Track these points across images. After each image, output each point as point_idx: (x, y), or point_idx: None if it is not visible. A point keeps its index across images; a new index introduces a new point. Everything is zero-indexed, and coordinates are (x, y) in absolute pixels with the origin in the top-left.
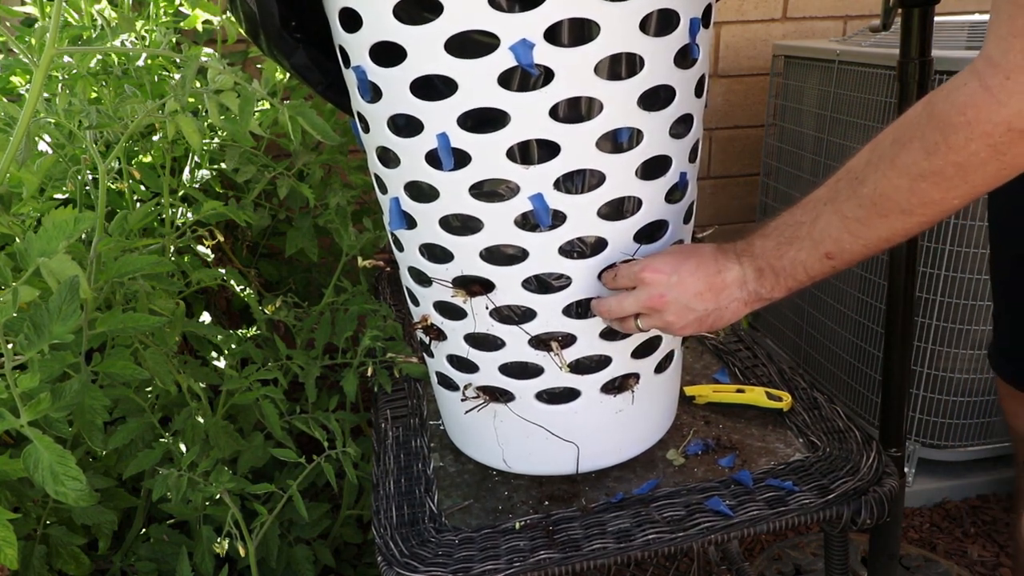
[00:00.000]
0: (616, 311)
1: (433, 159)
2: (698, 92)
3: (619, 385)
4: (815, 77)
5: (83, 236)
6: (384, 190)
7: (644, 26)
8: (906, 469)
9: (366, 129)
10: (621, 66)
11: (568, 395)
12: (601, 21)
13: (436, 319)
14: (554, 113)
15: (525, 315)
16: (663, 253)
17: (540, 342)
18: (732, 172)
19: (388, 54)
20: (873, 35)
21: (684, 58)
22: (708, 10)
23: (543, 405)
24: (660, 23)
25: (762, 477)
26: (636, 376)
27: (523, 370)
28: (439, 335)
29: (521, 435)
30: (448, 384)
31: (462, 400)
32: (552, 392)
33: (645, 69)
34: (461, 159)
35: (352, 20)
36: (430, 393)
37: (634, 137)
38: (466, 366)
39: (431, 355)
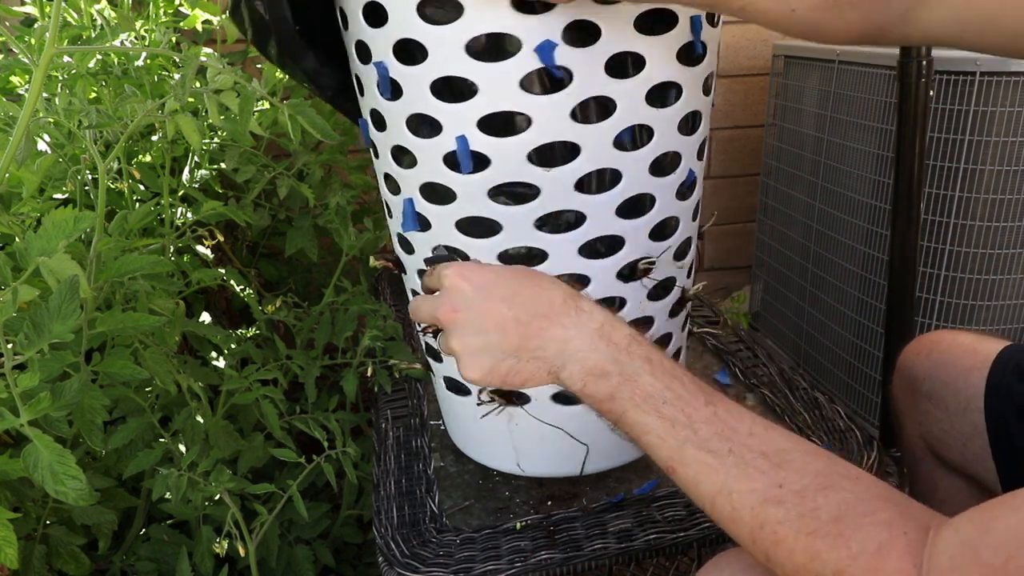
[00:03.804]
0: (412, 313)
1: (451, 161)
2: (705, 90)
3: None
4: (815, 77)
5: (83, 236)
6: (396, 191)
7: (639, 25)
8: (906, 469)
9: (381, 127)
10: (627, 65)
11: None
12: (603, 23)
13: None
14: (574, 114)
15: None
16: (494, 265)
17: None
18: (732, 172)
19: (411, 52)
20: None
21: (689, 55)
22: None
23: (559, 407)
24: (660, 21)
25: None
26: None
27: None
28: None
29: (536, 438)
30: (458, 389)
31: (478, 404)
32: (567, 394)
33: (649, 66)
34: (480, 162)
35: (377, 15)
36: (430, 393)
37: (644, 134)
38: None
39: (439, 360)
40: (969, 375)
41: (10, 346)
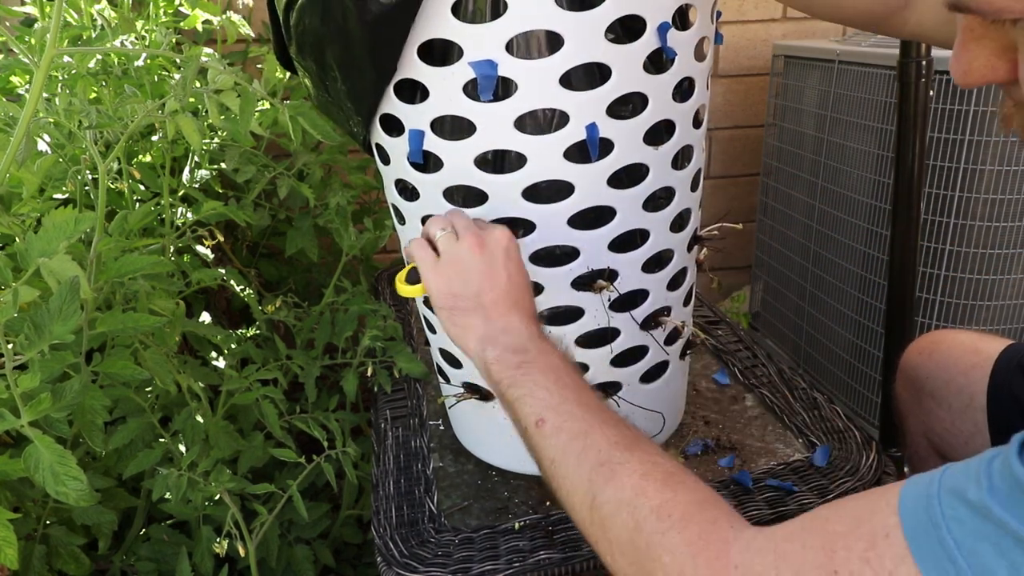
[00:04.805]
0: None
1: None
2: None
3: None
4: (815, 77)
5: (83, 236)
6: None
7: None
8: (905, 469)
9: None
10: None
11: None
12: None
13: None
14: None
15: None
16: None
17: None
18: (732, 172)
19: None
20: (873, 35)
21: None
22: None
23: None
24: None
25: (762, 477)
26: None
27: None
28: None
29: None
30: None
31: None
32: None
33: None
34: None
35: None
36: (430, 393)
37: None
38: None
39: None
40: (971, 373)
41: (11, 347)
